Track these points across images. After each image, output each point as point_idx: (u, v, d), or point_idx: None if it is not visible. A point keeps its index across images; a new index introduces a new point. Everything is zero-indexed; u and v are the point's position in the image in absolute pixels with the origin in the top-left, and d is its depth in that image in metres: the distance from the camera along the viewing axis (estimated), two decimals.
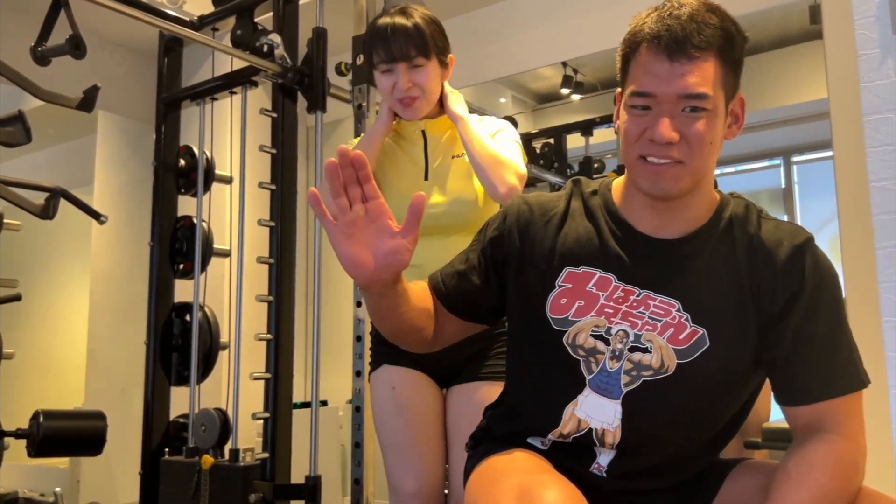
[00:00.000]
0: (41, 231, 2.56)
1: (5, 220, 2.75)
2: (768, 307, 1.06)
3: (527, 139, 3.94)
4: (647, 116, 1.05)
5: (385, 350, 1.70)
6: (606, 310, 1.10)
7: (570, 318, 1.11)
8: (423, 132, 1.74)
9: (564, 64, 3.74)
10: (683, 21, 1.02)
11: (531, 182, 3.85)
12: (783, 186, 3.37)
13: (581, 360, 1.10)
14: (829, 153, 2.60)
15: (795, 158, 3.35)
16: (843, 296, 1.12)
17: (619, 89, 1.12)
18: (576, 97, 3.89)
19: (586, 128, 3.81)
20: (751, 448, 2.41)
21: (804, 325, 1.05)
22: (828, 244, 2.63)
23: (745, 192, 1.14)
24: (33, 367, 4.61)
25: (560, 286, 1.13)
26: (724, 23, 1.04)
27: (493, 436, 1.23)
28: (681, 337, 1.07)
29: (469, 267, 1.21)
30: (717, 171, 1.15)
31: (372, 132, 1.73)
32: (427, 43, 1.64)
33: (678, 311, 1.08)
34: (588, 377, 1.10)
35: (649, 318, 1.08)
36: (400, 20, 1.63)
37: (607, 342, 1.09)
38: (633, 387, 1.08)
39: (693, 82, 1.01)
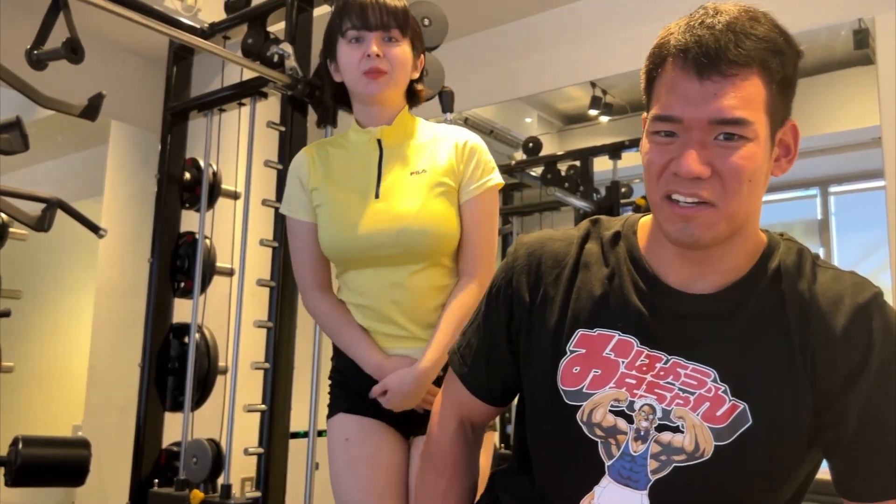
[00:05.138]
0: (48, 241, 2.44)
1: (11, 230, 2.65)
2: (825, 378, 0.87)
3: (552, 161, 3.80)
4: (672, 145, 0.87)
5: (343, 395, 1.55)
6: (628, 380, 0.91)
7: (584, 390, 0.93)
8: (379, 141, 1.53)
9: (593, 85, 3.58)
10: (718, 31, 0.84)
11: (554, 206, 3.69)
12: (819, 218, 3.19)
13: (599, 441, 0.91)
14: (870, 184, 2.50)
15: (833, 189, 3.17)
16: None
17: (644, 113, 0.93)
18: (604, 119, 3.73)
19: (614, 151, 3.64)
20: None
21: (871, 405, 0.86)
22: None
23: (778, 224, 0.98)
24: (34, 381, 4.50)
25: (571, 351, 0.95)
26: (771, 34, 0.86)
27: None
28: (718, 413, 0.88)
29: (492, 347, 1.05)
30: None
31: None
32: (408, 21, 1.51)
33: (714, 381, 0.89)
34: (607, 463, 0.91)
35: (679, 390, 0.90)
36: None
37: (630, 420, 0.90)
38: (663, 474, 0.88)
39: (728, 105, 0.83)
